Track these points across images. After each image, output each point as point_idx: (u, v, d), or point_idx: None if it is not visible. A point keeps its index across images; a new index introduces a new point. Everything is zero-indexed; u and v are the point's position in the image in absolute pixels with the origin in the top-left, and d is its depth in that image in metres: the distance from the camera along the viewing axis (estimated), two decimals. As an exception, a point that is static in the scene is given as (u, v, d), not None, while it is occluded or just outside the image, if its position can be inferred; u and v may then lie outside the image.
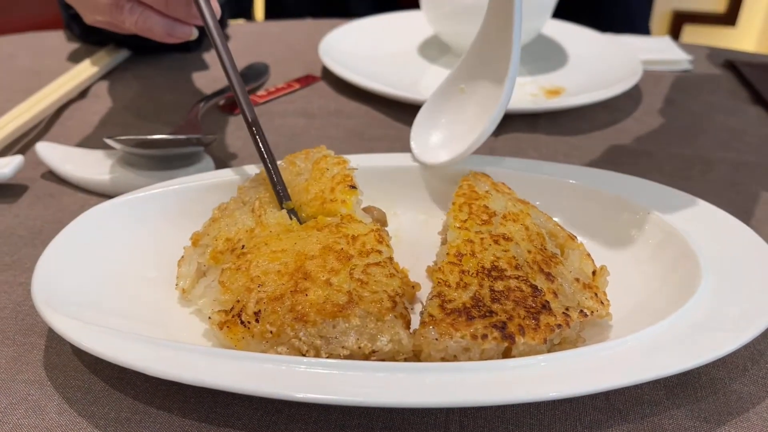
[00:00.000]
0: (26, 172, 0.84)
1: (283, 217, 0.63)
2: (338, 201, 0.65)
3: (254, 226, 0.63)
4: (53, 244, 0.63)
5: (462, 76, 0.76)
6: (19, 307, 0.64)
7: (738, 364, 0.59)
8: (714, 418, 0.54)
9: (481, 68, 0.73)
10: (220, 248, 0.62)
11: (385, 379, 0.49)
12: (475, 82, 0.74)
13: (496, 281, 0.57)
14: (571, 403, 0.55)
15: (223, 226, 0.64)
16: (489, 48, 0.72)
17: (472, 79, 0.75)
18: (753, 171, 0.90)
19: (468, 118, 0.74)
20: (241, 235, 0.62)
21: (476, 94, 0.74)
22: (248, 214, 0.64)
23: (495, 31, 0.71)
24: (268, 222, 0.63)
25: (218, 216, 0.66)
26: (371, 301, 0.54)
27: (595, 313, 0.57)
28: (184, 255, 0.64)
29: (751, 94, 1.11)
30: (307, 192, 0.66)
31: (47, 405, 0.54)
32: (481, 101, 0.73)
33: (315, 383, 0.49)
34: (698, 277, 0.60)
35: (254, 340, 0.53)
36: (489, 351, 0.52)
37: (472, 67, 0.75)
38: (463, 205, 0.65)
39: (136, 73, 1.14)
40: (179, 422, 0.53)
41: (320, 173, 0.68)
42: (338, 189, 0.66)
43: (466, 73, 0.75)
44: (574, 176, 0.75)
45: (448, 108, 0.76)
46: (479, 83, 0.74)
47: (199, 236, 0.64)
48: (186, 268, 0.63)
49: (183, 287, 0.63)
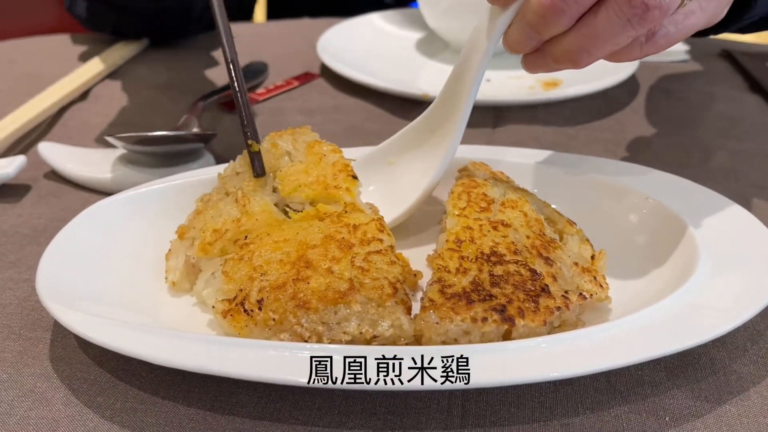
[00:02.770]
0: (29, 172, 0.85)
1: (267, 205, 0.64)
2: (342, 188, 0.65)
3: (240, 216, 0.63)
4: (57, 239, 0.63)
5: (393, 151, 0.74)
6: (24, 302, 0.65)
7: (737, 344, 0.59)
8: (714, 398, 0.55)
9: (417, 146, 0.72)
10: (209, 240, 0.62)
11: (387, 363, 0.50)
12: (405, 157, 0.73)
13: (496, 266, 0.57)
14: (573, 385, 0.56)
15: (208, 218, 0.64)
16: (430, 128, 0.71)
17: (403, 153, 0.73)
18: (752, 158, 0.90)
19: (396, 189, 0.72)
20: (228, 226, 0.63)
21: (406, 168, 0.72)
22: (232, 204, 0.64)
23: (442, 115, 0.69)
24: (253, 211, 0.63)
25: (202, 208, 0.66)
26: (372, 288, 0.55)
27: (594, 296, 0.58)
28: (171, 248, 0.65)
29: (748, 82, 1.12)
30: (306, 174, 0.67)
31: (54, 397, 0.55)
32: (412, 176, 0.71)
33: (318, 368, 0.50)
34: (696, 258, 0.60)
35: (257, 327, 0.54)
36: (489, 334, 0.53)
37: (405, 144, 0.73)
38: (462, 194, 0.66)
39: (136, 74, 1.15)
40: (184, 411, 0.54)
41: (317, 158, 0.68)
42: (340, 176, 0.66)
43: (398, 148, 0.73)
44: (572, 164, 0.75)
45: (375, 179, 0.73)
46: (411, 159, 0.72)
47: (185, 229, 0.65)
48: (174, 261, 0.64)
49: (173, 280, 0.63)
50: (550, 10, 0.56)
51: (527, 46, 0.60)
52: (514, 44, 0.60)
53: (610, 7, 0.56)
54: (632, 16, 0.55)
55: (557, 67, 0.60)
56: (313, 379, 0.49)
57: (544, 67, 0.61)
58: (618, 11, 0.55)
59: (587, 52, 0.58)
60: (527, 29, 0.58)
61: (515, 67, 1.10)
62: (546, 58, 0.60)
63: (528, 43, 0.60)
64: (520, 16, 0.59)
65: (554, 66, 0.60)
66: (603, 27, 0.56)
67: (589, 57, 0.59)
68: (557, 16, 0.57)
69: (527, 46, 0.60)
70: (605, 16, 0.56)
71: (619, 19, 0.56)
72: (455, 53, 1.20)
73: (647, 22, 0.56)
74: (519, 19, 0.59)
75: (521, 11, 0.59)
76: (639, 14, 0.55)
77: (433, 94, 0.98)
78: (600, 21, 0.56)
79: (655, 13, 0.55)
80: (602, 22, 0.56)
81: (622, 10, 0.55)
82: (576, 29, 0.58)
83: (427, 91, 1.00)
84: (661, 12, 0.56)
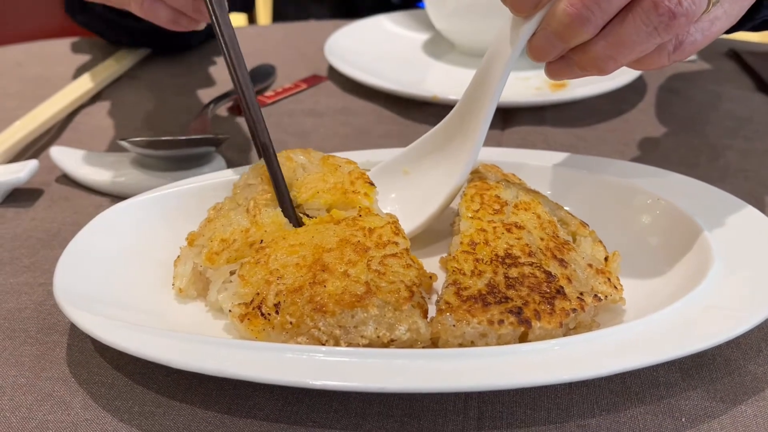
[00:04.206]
0: (41, 177, 0.85)
1: (278, 216, 0.64)
2: (360, 193, 0.66)
3: (249, 227, 0.63)
4: (72, 243, 0.64)
5: (409, 160, 0.73)
6: (41, 306, 0.65)
7: (752, 345, 0.59)
8: (730, 398, 0.55)
9: (434, 154, 0.72)
10: (215, 249, 0.62)
11: (405, 366, 0.50)
12: (423, 166, 0.72)
13: (510, 268, 0.58)
14: (588, 386, 0.56)
15: (218, 227, 0.64)
16: (448, 137, 0.71)
17: (419, 162, 0.73)
18: (761, 157, 0.90)
19: (415, 198, 0.72)
20: (237, 236, 0.62)
21: (424, 176, 0.72)
22: (243, 215, 0.65)
23: (461, 123, 0.70)
24: (263, 222, 0.63)
25: (213, 216, 0.67)
26: (389, 291, 0.55)
27: (609, 298, 0.58)
28: (181, 255, 0.65)
29: (755, 81, 1.12)
30: (324, 181, 0.67)
31: (72, 401, 0.55)
32: (430, 184, 0.71)
33: (335, 371, 0.50)
34: (710, 260, 0.60)
35: (274, 331, 0.54)
36: (506, 336, 0.53)
37: (422, 153, 0.73)
38: (475, 196, 0.66)
39: (146, 78, 1.15)
40: (202, 414, 0.54)
41: (333, 168, 0.69)
42: (358, 183, 0.67)
43: (415, 158, 0.73)
44: (583, 165, 0.76)
45: (392, 188, 0.73)
46: (429, 167, 0.72)
47: (195, 236, 0.65)
48: (182, 267, 0.64)
49: (180, 287, 0.63)
50: (576, 18, 0.56)
51: (552, 55, 0.60)
52: (539, 53, 0.60)
53: (637, 15, 0.56)
54: (659, 23, 0.55)
55: (582, 74, 0.61)
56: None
57: (570, 74, 0.61)
58: (645, 19, 0.55)
59: (613, 59, 0.58)
60: (552, 38, 0.58)
61: (522, 69, 1.11)
62: (571, 65, 0.60)
63: (553, 52, 0.60)
64: (544, 25, 0.59)
65: (579, 73, 0.61)
66: (629, 34, 0.56)
67: (616, 64, 0.59)
68: (583, 25, 0.56)
69: (552, 55, 0.60)
70: (632, 24, 0.56)
71: (646, 27, 0.56)
72: (462, 54, 1.21)
73: (673, 29, 0.56)
74: (543, 28, 0.59)
75: (545, 20, 0.59)
76: (665, 22, 0.55)
77: (443, 96, 0.99)
78: (626, 28, 0.56)
79: (681, 21, 0.55)
80: (628, 30, 0.56)
81: (649, 17, 0.55)
82: (602, 37, 0.58)
83: (436, 93, 1.00)
84: (687, 19, 0.56)
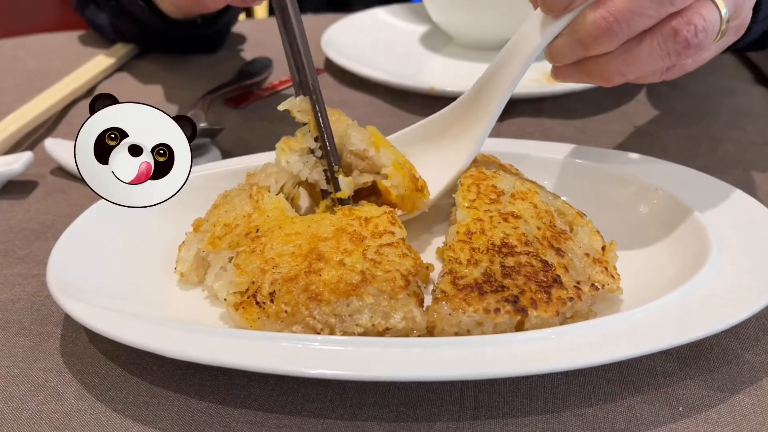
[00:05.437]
0: (36, 169, 0.85)
1: (280, 201, 0.64)
2: (425, 194, 0.68)
3: (252, 212, 0.63)
4: (66, 234, 0.63)
5: (407, 143, 0.74)
6: (34, 298, 0.65)
7: (749, 334, 0.59)
8: (727, 388, 0.55)
9: (429, 140, 0.73)
10: (218, 234, 0.62)
11: (401, 354, 0.50)
12: (421, 148, 0.73)
13: (507, 257, 0.57)
14: (585, 375, 0.55)
15: (222, 213, 0.64)
16: (451, 123, 0.71)
17: (414, 145, 0.73)
18: (760, 149, 0.90)
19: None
20: (239, 221, 0.63)
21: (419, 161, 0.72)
22: (246, 200, 0.64)
23: (467, 111, 0.70)
24: (265, 207, 0.63)
25: (220, 202, 0.67)
26: (384, 280, 0.55)
27: (606, 287, 0.58)
28: (186, 240, 0.65)
29: (754, 74, 1.12)
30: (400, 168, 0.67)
31: (66, 391, 0.55)
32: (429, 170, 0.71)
33: (331, 360, 0.50)
34: (707, 249, 0.60)
35: (269, 320, 0.54)
36: (502, 325, 0.53)
37: (419, 137, 0.73)
38: (471, 186, 0.66)
39: (141, 71, 1.15)
40: (196, 404, 0.54)
41: None
42: (419, 182, 0.68)
43: (415, 140, 0.74)
44: (581, 156, 0.75)
45: None
46: (425, 152, 0.73)
47: (201, 222, 0.65)
48: (186, 253, 0.64)
49: (182, 271, 0.63)
50: (605, 32, 0.58)
51: (569, 59, 0.61)
52: (558, 55, 0.62)
53: (655, 39, 0.58)
54: (673, 50, 0.58)
55: (587, 81, 0.62)
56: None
57: (575, 78, 0.63)
58: (662, 44, 0.58)
59: (622, 74, 0.60)
60: (575, 44, 0.60)
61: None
62: (579, 72, 0.62)
63: (571, 57, 0.61)
64: (569, 30, 0.60)
65: (585, 80, 0.62)
66: (644, 55, 0.59)
67: (622, 78, 0.61)
68: (610, 39, 0.58)
69: (569, 59, 0.61)
70: (648, 46, 0.58)
71: (660, 51, 0.58)
72: (459, 47, 1.20)
73: (683, 57, 0.59)
74: (569, 33, 0.60)
75: (572, 26, 0.60)
76: (679, 50, 0.58)
77: (440, 88, 0.99)
78: (642, 50, 0.59)
79: (692, 50, 0.58)
80: (644, 51, 0.59)
81: (666, 43, 0.58)
82: (618, 53, 0.59)
83: (433, 85, 1.00)
84: (698, 50, 0.59)
